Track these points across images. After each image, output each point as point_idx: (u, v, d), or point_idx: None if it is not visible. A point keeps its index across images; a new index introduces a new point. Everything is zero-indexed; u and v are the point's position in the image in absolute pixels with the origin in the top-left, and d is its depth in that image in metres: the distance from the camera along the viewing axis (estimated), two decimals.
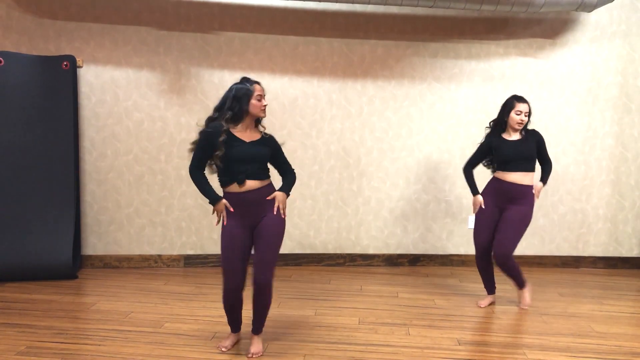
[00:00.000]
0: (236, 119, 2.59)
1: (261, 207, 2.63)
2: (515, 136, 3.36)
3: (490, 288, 3.58)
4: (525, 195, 3.35)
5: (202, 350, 2.74)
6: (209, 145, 2.57)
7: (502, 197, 3.39)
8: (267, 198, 2.64)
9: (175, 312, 3.32)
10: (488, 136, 3.49)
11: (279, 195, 2.67)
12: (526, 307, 3.48)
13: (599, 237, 4.64)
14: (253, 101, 2.57)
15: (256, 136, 2.65)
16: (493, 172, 3.51)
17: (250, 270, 2.63)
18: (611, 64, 4.48)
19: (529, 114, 3.34)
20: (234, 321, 2.79)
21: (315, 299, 3.63)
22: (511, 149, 3.33)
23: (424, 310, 3.45)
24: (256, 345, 2.72)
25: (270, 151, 2.69)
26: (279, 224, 2.66)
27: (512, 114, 3.31)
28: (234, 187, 2.60)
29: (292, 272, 4.35)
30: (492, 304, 3.57)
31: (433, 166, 4.53)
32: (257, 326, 2.74)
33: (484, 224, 3.45)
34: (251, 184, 2.59)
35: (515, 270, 3.41)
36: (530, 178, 3.37)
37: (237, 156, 2.55)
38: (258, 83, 2.63)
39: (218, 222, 2.65)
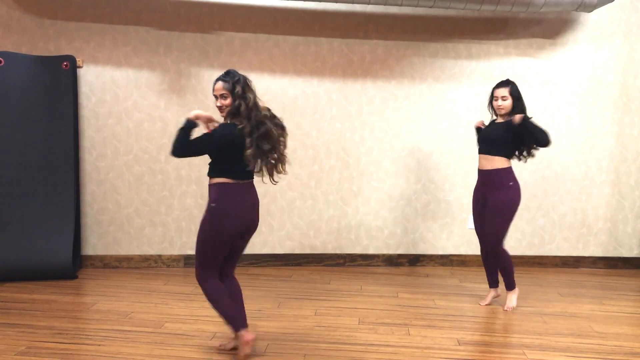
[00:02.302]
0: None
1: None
2: (501, 120, 3.41)
3: (492, 282, 3.57)
4: (497, 181, 3.33)
5: (202, 351, 2.75)
6: None
7: (481, 185, 3.46)
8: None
9: (175, 312, 3.33)
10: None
11: None
12: (509, 310, 3.45)
13: (599, 237, 4.64)
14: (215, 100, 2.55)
15: None
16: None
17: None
18: (611, 64, 4.48)
19: (515, 98, 3.30)
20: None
21: (315, 299, 3.63)
22: (485, 130, 3.43)
23: (424, 310, 3.45)
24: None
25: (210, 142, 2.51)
26: (203, 222, 2.58)
27: (493, 102, 3.40)
28: None
29: (292, 272, 4.35)
30: (496, 297, 3.57)
31: (433, 166, 4.53)
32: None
33: (476, 214, 3.53)
34: None
35: (506, 263, 3.42)
36: (492, 163, 3.33)
37: None
38: (222, 80, 2.50)
39: (210, 127, 2.52)
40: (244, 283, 3.91)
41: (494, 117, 3.50)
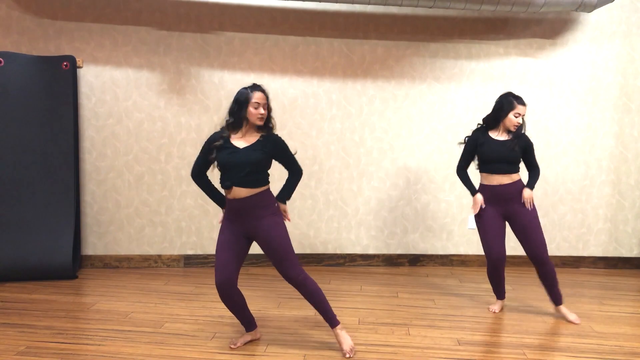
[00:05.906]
0: (235, 125, 2.62)
1: (250, 216, 2.61)
2: (503, 137, 3.20)
3: (501, 293, 3.46)
4: (520, 191, 3.22)
5: (202, 350, 2.74)
6: (207, 150, 2.65)
7: (501, 202, 3.22)
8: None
9: (175, 312, 3.33)
10: (474, 132, 3.31)
11: (280, 205, 2.75)
12: (578, 322, 3.24)
13: (599, 237, 4.64)
14: (250, 108, 2.58)
15: (253, 140, 2.62)
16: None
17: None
18: (611, 64, 4.48)
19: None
20: (242, 319, 2.80)
21: None
22: (496, 149, 3.16)
23: (424, 310, 3.45)
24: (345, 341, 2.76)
25: (267, 155, 2.62)
26: (276, 225, 2.65)
27: (511, 115, 3.14)
28: (225, 192, 2.65)
29: None
30: (502, 309, 3.50)
31: (433, 166, 4.53)
32: (325, 316, 2.75)
33: (495, 234, 3.23)
34: (237, 192, 2.57)
35: (554, 276, 3.27)
36: (516, 176, 3.22)
37: (224, 163, 2.57)
38: (262, 91, 2.61)
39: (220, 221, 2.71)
40: (244, 283, 3.92)
41: (482, 125, 3.29)
